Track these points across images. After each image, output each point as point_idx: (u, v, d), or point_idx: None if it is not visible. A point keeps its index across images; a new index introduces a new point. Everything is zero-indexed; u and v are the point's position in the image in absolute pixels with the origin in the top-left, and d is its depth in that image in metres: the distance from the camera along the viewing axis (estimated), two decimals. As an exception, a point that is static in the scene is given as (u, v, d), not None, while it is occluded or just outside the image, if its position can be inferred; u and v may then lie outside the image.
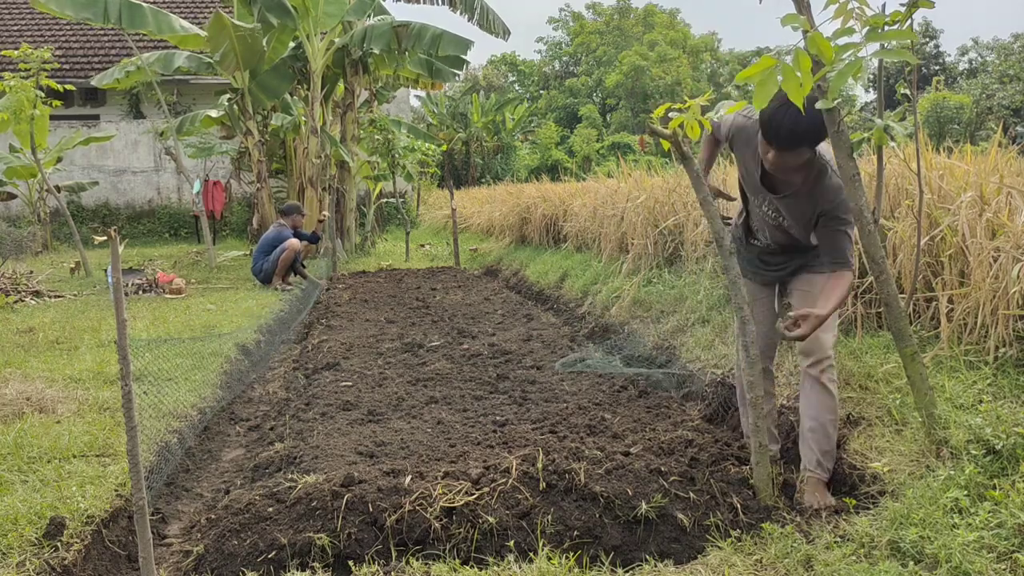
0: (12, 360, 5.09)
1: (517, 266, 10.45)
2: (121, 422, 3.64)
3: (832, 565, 2.36)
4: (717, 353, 4.58)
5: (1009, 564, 2.17)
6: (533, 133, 36.40)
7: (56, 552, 2.53)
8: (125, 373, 2.31)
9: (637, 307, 6.15)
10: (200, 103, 17.41)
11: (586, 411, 4.04)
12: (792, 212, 3.03)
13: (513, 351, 5.56)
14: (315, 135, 12.37)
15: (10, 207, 16.79)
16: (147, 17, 10.78)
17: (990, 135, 16.62)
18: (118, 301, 2.29)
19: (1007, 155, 4.27)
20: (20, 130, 11.09)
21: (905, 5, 2.48)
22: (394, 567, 2.57)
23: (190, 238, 17.50)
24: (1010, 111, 25.93)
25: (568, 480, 2.86)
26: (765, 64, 2.35)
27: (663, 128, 2.81)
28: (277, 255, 9.24)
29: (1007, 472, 2.53)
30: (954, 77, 41.78)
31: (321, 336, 6.45)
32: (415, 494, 2.80)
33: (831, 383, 3.04)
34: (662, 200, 6.89)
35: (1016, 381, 3.07)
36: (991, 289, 3.32)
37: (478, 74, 46.96)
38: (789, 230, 3.09)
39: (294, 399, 4.66)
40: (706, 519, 2.77)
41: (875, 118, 2.78)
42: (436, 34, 11.96)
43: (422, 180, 18.67)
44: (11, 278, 8.46)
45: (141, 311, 7.14)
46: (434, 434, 3.78)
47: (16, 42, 15.24)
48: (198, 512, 3.27)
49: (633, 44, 45.59)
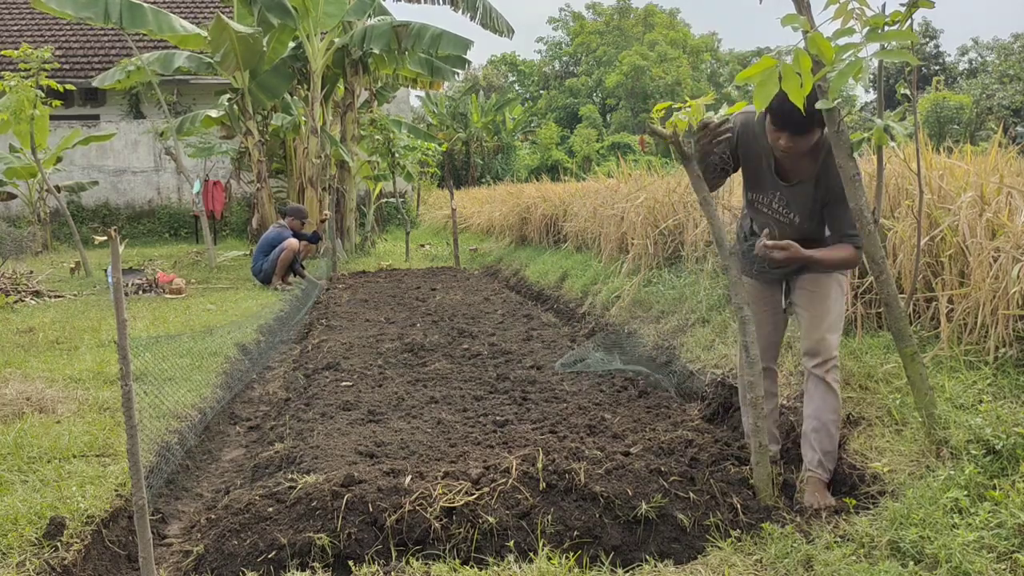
0: (12, 360, 5.09)
1: (517, 266, 10.45)
2: (121, 422, 3.64)
3: (832, 565, 2.36)
4: (717, 353, 4.58)
5: (1009, 564, 2.17)
6: (533, 133, 36.40)
7: (56, 552, 2.53)
8: (125, 373, 2.31)
9: (637, 307, 6.15)
10: (200, 103, 17.41)
11: (586, 411, 4.04)
12: (801, 200, 3.02)
13: (513, 351, 5.56)
14: (315, 135, 12.37)
15: (10, 207, 16.79)
16: (147, 17, 10.78)
17: (990, 135, 16.51)
18: (118, 301, 2.29)
19: (1007, 155, 4.28)
20: (20, 130, 11.09)
21: (905, 5, 2.48)
22: (394, 567, 2.57)
23: (190, 238, 17.49)
24: (1010, 111, 25.94)
25: (568, 480, 2.86)
26: (765, 64, 2.35)
27: (663, 128, 2.81)
28: (276, 255, 9.24)
29: (1007, 472, 2.53)
30: (954, 77, 41.79)
31: (321, 336, 6.45)
32: (415, 494, 2.80)
33: (835, 383, 3.05)
34: (662, 200, 6.89)
35: (1016, 381, 3.07)
36: (991, 289, 3.32)
37: (478, 74, 46.96)
38: (799, 226, 3.08)
39: (294, 399, 4.66)
40: (706, 519, 2.77)
41: (875, 118, 2.77)
42: (436, 34, 11.96)
43: (422, 180, 18.66)
44: (11, 278, 8.46)
45: (141, 311, 7.14)
46: (434, 434, 3.78)
47: (16, 42, 15.23)
48: (198, 512, 3.27)
49: (633, 44, 45.59)
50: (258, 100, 12.36)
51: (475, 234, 15.28)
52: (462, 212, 16.10)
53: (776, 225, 3.15)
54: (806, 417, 3.10)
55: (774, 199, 3.11)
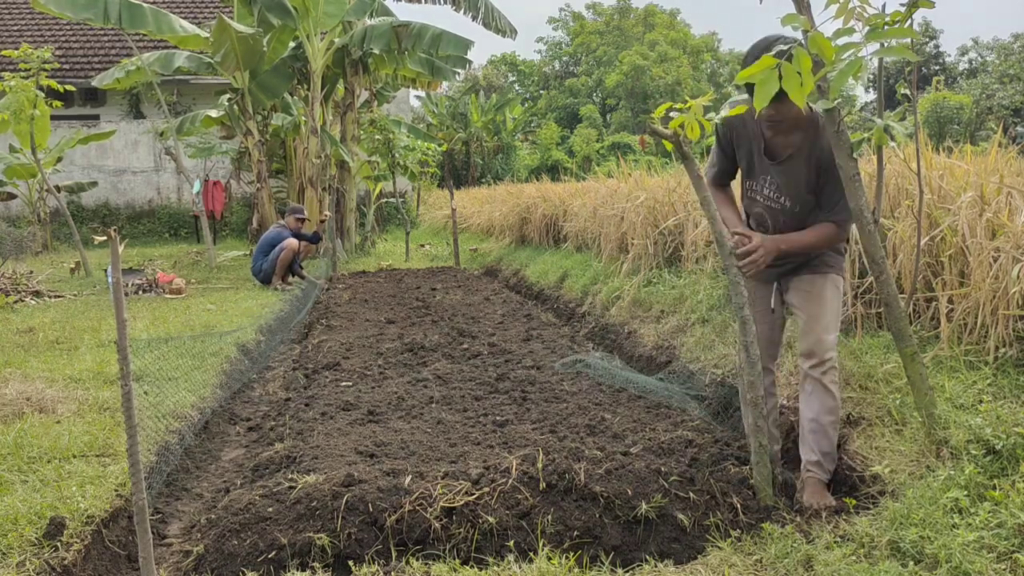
0: (12, 360, 5.09)
1: (517, 266, 10.46)
2: (121, 422, 3.64)
3: (832, 565, 2.36)
4: (717, 353, 4.58)
5: (1009, 564, 2.17)
6: (533, 133, 36.39)
7: (56, 552, 2.53)
8: (125, 373, 2.31)
9: (637, 307, 6.15)
10: (200, 103, 17.41)
11: (586, 411, 4.04)
12: (792, 182, 3.01)
13: (513, 351, 5.56)
14: (315, 135, 12.37)
15: (10, 207, 16.80)
16: (147, 17, 10.79)
17: (990, 135, 16.54)
18: (118, 301, 2.29)
19: (1007, 155, 4.28)
20: (20, 130, 11.09)
21: (905, 5, 2.48)
22: (394, 567, 2.57)
23: (190, 238, 17.50)
24: (1010, 111, 25.92)
25: (568, 480, 2.86)
26: (765, 64, 2.35)
27: (664, 128, 2.81)
28: (275, 255, 9.25)
29: (1007, 472, 2.53)
30: (954, 77, 41.78)
31: (321, 336, 6.45)
32: (415, 494, 2.80)
33: (833, 384, 3.02)
34: (662, 200, 6.89)
35: (1016, 381, 3.07)
36: (991, 289, 3.32)
37: (478, 74, 46.95)
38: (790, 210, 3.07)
39: (294, 399, 4.66)
40: (706, 519, 2.77)
41: (875, 118, 2.77)
42: (436, 34, 11.96)
43: (422, 180, 18.66)
44: (11, 278, 8.47)
45: (141, 311, 7.14)
46: (434, 434, 3.78)
47: (16, 42, 15.24)
48: (198, 512, 3.27)
49: (633, 44, 45.59)
50: (258, 100, 12.36)
51: (475, 234, 15.28)
52: (462, 212, 16.10)
53: (769, 214, 3.14)
54: (803, 420, 3.08)
55: (765, 184, 3.11)
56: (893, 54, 2.51)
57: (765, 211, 3.16)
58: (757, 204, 3.19)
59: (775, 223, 3.15)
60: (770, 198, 3.12)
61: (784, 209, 3.09)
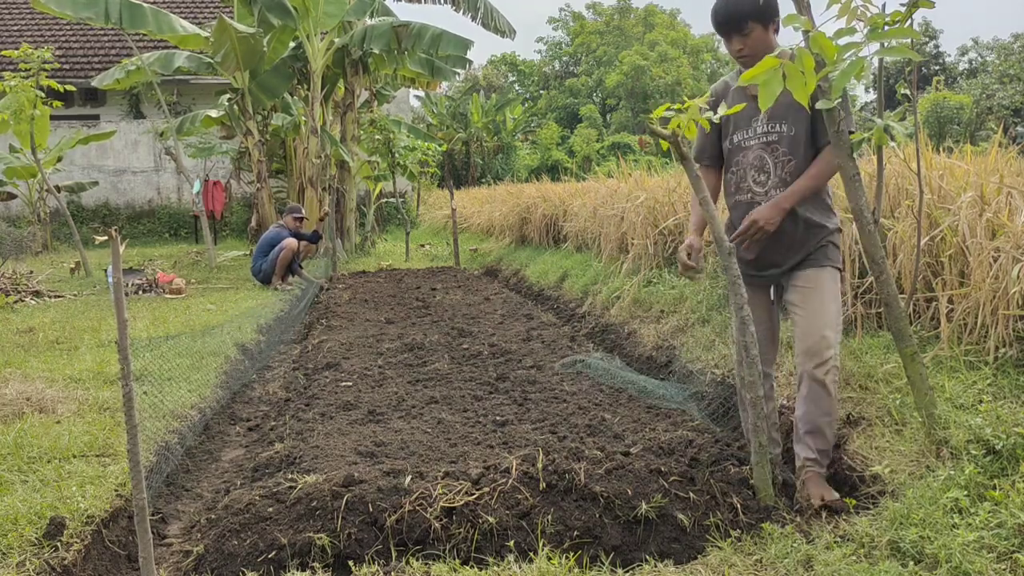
0: (12, 360, 5.09)
1: (517, 266, 10.46)
2: (121, 422, 3.64)
3: (832, 565, 2.36)
4: (717, 353, 4.58)
5: (1009, 564, 2.17)
6: (533, 133, 36.39)
7: (56, 552, 2.52)
8: (125, 373, 2.31)
9: (637, 307, 6.15)
10: (200, 103, 17.42)
11: (586, 411, 4.04)
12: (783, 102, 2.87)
13: (513, 351, 5.56)
14: (315, 135, 12.37)
15: (10, 207, 16.80)
16: (147, 17, 10.79)
17: (990, 135, 16.57)
18: (119, 301, 2.29)
19: (1007, 155, 4.28)
20: (20, 130, 11.10)
21: (905, 5, 2.49)
22: (394, 567, 2.57)
23: (190, 238, 17.50)
24: (1010, 111, 25.92)
25: (568, 480, 2.86)
26: (768, 64, 2.35)
27: (663, 128, 2.81)
28: (275, 255, 9.25)
29: (1007, 472, 2.52)
30: (954, 77, 41.78)
31: (321, 336, 6.45)
32: (415, 494, 2.80)
33: (833, 385, 2.96)
34: (662, 200, 6.89)
35: (1016, 381, 3.07)
36: (991, 289, 3.32)
37: (478, 74, 46.95)
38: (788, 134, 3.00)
39: (294, 399, 4.66)
40: (706, 519, 2.76)
41: (875, 118, 2.77)
42: (436, 34, 11.96)
43: (422, 180, 18.67)
44: (11, 278, 8.47)
45: (141, 311, 7.14)
46: (434, 434, 3.78)
47: (16, 42, 15.24)
48: (198, 512, 3.27)
49: (633, 44, 45.59)
50: (258, 100, 12.37)
51: (475, 234, 15.28)
52: (462, 212, 16.10)
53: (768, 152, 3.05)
54: (799, 420, 3.03)
55: (758, 123, 3.06)
56: (894, 54, 2.51)
57: (763, 150, 3.06)
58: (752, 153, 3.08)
59: (775, 160, 3.04)
60: (770, 131, 3.04)
61: (782, 137, 3.02)
